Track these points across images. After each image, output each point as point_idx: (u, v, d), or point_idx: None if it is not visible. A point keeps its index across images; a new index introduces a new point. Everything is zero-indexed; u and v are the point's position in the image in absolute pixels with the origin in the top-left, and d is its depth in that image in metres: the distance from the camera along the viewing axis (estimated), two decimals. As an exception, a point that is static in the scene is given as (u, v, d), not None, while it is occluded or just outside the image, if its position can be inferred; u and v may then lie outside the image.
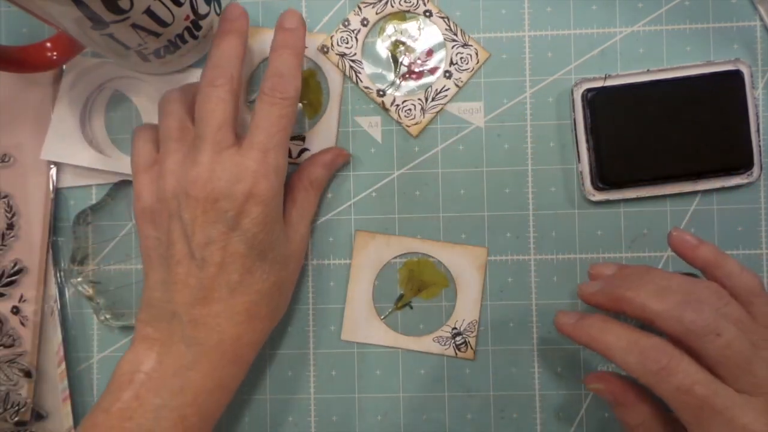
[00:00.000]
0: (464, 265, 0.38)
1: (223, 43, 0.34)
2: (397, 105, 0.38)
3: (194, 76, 0.39)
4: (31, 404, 0.38)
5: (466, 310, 0.38)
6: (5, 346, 0.38)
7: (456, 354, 0.38)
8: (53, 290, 0.39)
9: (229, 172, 0.31)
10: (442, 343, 0.38)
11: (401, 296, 0.39)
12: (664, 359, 0.28)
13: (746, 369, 0.28)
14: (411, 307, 0.39)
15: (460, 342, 0.38)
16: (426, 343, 0.38)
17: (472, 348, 0.38)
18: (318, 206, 0.38)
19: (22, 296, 0.38)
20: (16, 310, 0.38)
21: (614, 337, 0.30)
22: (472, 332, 0.38)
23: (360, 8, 0.39)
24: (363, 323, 0.38)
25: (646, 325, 0.30)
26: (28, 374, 0.38)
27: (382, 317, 0.39)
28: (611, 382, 0.32)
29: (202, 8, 0.35)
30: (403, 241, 0.38)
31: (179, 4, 0.32)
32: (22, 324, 0.38)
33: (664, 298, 0.29)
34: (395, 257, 0.39)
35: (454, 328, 0.38)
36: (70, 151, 0.38)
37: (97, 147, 0.39)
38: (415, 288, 0.38)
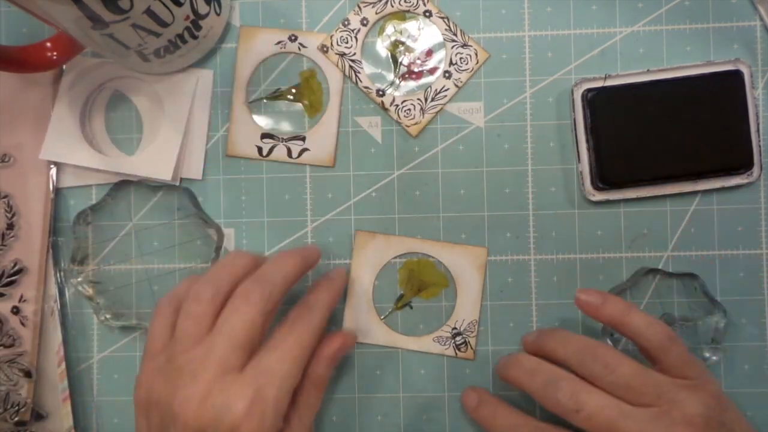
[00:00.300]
0: (464, 265, 0.38)
1: (285, 260, 0.32)
2: (397, 105, 0.38)
3: (194, 76, 0.39)
4: (31, 404, 0.38)
5: (466, 310, 0.38)
6: (5, 346, 0.38)
7: (456, 354, 0.38)
8: (53, 290, 0.39)
9: (222, 401, 0.28)
10: (442, 343, 0.38)
11: (401, 296, 0.39)
12: None
13: None
14: (411, 307, 0.39)
15: (460, 342, 0.38)
16: (426, 343, 0.38)
17: (472, 348, 0.38)
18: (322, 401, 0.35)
19: (22, 296, 0.38)
20: (16, 310, 0.38)
21: (502, 421, 0.34)
22: (472, 332, 0.38)
23: (360, 8, 0.39)
24: (363, 323, 0.38)
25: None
26: (28, 374, 0.38)
27: (382, 317, 0.39)
28: None
29: (202, 8, 0.35)
30: (403, 241, 0.38)
31: (179, 4, 0.32)
32: (22, 324, 0.38)
33: (533, 378, 0.32)
34: (395, 257, 0.39)
35: (454, 328, 0.38)
36: (69, 150, 0.38)
37: (97, 147, 0.39)
38: (415, 288, 0.38)
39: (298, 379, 0.31)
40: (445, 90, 0.38)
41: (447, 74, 0.39)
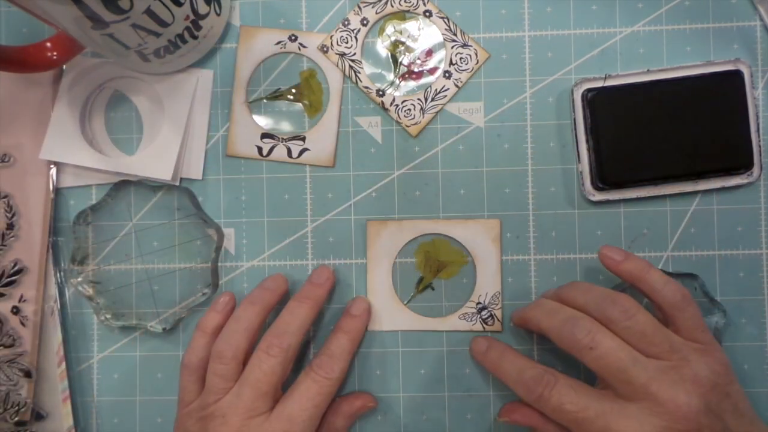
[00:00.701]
0: (479, 238, 0.38)
1: (298, 309, 0.35)
2: (397, 105, 0.38)
3: (194, 76, 0.39)
4: (31, 404, 0.38)
5: (488, 282, 0.38)
6: (5, 346, 0.38)
7: (484, 328, 0.38)
8: (53, 290, 0.39)
9: None
10: (469, 320, 0.38)
11: (421, 279, 0.39)
12: (539, 389, 0.32)
13: (622, 378, 0.30)
14: (432, 289, 0.39)
15: (486, 316, 0.38)
16: (452, 322, 0.38)
17: (499, 320, 0.38)
18: None
19: (22, 296, 0.38)
20: (16, 310, 0.38)
21: (509, 365, 0.34)
22: (497, 304, 0.38)
23: (360, 8, 0.39)
24: (387, 311, 0.38)
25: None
26: (28, 374, 0.38)
27: (405, 303, 0.39)
28: (522, 411, 0.35)
29: (202, 8, 0.35)
30: (415, 225, 0.38)
31: (179, 4, 0.32)
32: (22, 324, 0.38)
33: (553, 317, 0.33)
34: (409, 241, 0.39)
35: (479, 303, 0.38)
36: (69, 150, 0.38)
37: (97, 147, 0.39)
38: (433, 269, 0.39)
39: (317, 423, 0.34)
40: (445, 90, 0.38)
41: (447, 74, 0.39)
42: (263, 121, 0.39)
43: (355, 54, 0.39)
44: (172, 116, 0.38)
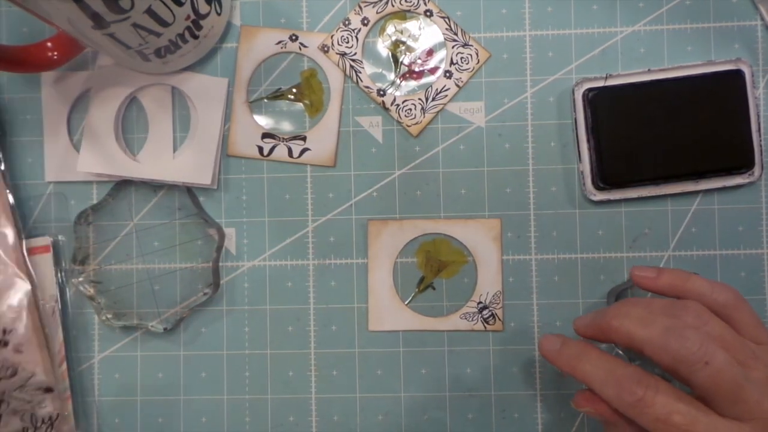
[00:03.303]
0: (479, 238, 0.38)
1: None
2: (398, 105, 0.38)
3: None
4: (63, 414, 0.37)
5: (489, 282, 0.38)
6: (8, 377, 0.37)
7: (485, 327, 0.38)
8: (54, 290, 0.39)
9: None
10: (470, 319, 0.38)
11: (422, 279, 0.39)
12: (640, 391, 0.27)
13: (737, 396, 0.27)
14: (434, 288, 0.39)
15: (487, 315, 0.38)
16: (453, 322, 0.38)
17: (500, 319, 0.38)
18: None
19: (5, 329, 0.37)
20: (5, 343, 0.37)
21: (592, 366, 0.29)
22: (498, 304, 0.38)
23: (360, 7, 0.39)
24: (388, 311, 0.38)
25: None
26: (48, 389, 0.37)
27: (406, 302, 0.39)
28: (599, 403, 0.30)
29: (203, 8, 0.35)
30: (416, 224, 0.38)
31: (180, 4, 0.32)
32: (19, 351, 0.37)
33: (648, 326, 0.28)
34: (410, 241, 0.39)
35: (480, 302, 0.38)
36: (106, 161, 0.38)
37: (129, 155, 0.39)
38: (434, 269, 0.39)
39: None
40: (446, 90, 0.38)
41: (448, 74, 0.39)
42: (264, 121, 0.39)
43: (355, 54, 0.39)
44: (206, 121, 0.38)
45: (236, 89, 0.39)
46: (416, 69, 0.39)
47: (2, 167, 0.38)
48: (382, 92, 0.39)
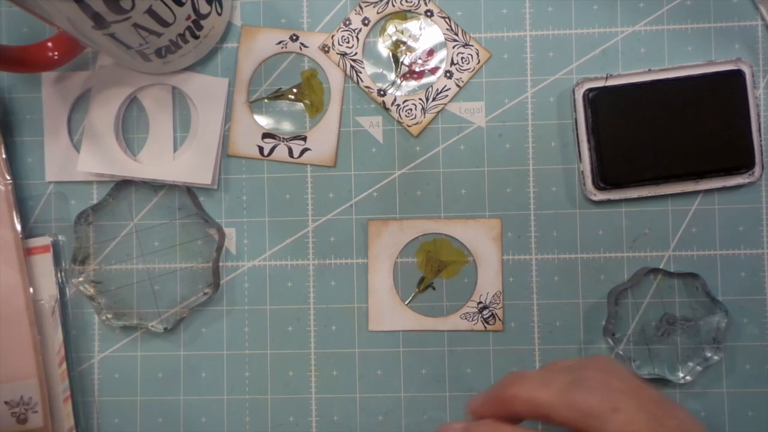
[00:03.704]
0: (480, 238, 0.38)
1: None
2: (398, 105, 0.38)
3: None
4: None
5: (489, 282, 0.38)
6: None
7: (485, 327, 0.38)
8: (54, 290, 0.39)
9: None
10: (470, 319, 0.38)
11: (422, 279, 0.39)
12: None
13: None
14: (434, 288, 0.39)
15: (487, 315, 0.38)
16: (453, 322, 0.38)
17: (500, 319, 0.38)
18: None
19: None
20: (16, 415, 0.37)
21: None
22: (498, 304, 0.38)
23: (361, 7, 0.39)
24: (388, 311, 0.38)
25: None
26: None
27: (406, 302, 0.39)
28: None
29: (204, 8, 0.35)
30: (415, 224, 0.38)
31: (181, 4, 0.32)
32: (24, 419, 0.37)
33: (549, 384, 0.26)
34: (410, 241, 0.39)
35: (480, 302, 0.38)
36: (107, 161, 0.38)
37: (130, 154, 0.39)
38: (434, 269, 0.39)
39: None
40: (447, 90, 0.38)
41: (448, 74, 0.39)
42: (264, 121, 0.39)
43: (356, 54, 0.39)
44: (207, 121, 0.38)
45: (237, 89, 0.39)
46: (417, 69, 0.39)
47: (3, 167, 0.38)
48: (382, 92, 0.39)
